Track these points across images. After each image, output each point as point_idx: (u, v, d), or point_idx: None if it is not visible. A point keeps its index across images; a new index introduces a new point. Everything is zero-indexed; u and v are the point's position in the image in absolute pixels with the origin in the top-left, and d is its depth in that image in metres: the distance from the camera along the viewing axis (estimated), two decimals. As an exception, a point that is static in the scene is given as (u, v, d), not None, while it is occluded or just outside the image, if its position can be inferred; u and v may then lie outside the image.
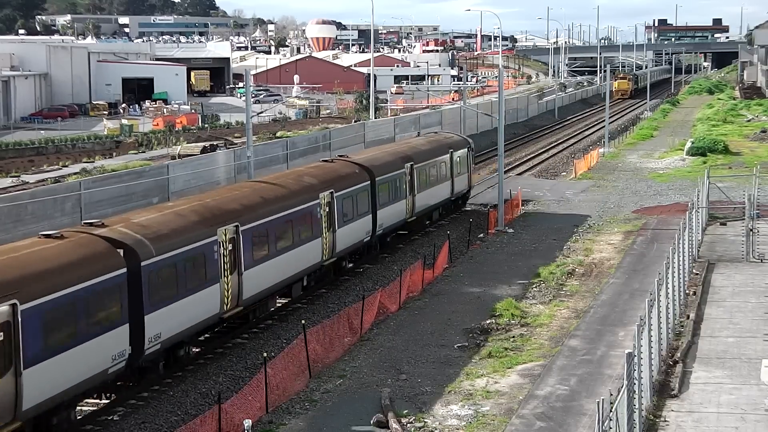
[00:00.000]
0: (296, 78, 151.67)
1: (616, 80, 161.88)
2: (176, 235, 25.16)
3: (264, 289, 29.28)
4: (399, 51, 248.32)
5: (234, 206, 28.49)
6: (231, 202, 28.82)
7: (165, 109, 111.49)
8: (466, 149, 50.36)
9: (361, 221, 36.61)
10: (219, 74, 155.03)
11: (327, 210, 33.57)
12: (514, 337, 28.36)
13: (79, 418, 22.77)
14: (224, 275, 26.92)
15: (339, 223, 34.43)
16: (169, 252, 24.42)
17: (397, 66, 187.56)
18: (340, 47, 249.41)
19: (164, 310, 24.13)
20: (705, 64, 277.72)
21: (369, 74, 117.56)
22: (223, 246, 26.84)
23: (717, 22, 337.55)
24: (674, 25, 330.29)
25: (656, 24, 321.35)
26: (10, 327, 19.47)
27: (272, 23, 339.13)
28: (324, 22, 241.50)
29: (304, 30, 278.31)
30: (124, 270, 22.76)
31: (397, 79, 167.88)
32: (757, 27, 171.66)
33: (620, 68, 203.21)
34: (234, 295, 27.57)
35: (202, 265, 25.84)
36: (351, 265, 37.52)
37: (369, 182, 37.46)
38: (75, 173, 62.82)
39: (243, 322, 29.50)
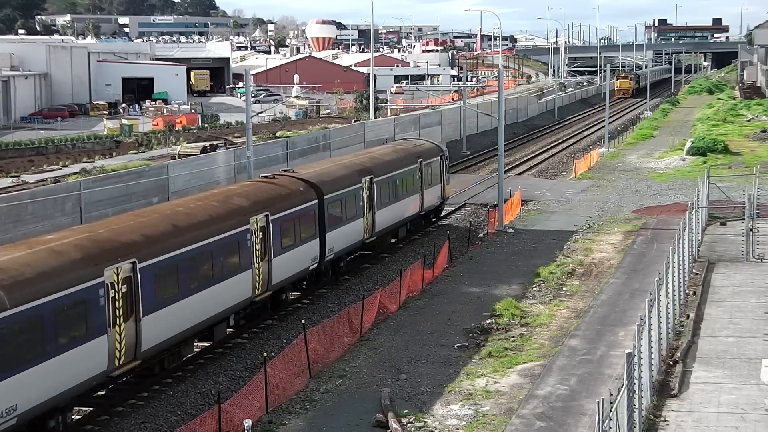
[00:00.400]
0: (296, 78, 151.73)
1: (618, 79, 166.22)
2: (45, 279, 20.51)
3: (172, 336, 24.64)
4: (399, 51, 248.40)
5: (132, 238, 23.78)
6: (129, 232, 24.03)
7: (165, 109, 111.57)
8: (439, 158, 46.06)
9: (304, 247, 32.07)
10: (219, 74, 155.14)
11: (260, 236, 29.04)
12: (514, 337, 28.36)
13: (78, 418, 22.77)
14: (115, 324, 22.30)
15: (275, 251, 29.86)
16: (31, 302, 19.81)
17: (397, 66, 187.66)
18: (340, 47, 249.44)
19: (22, 376, 19.58)
20: (705, 64, 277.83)
21: (369, 74, 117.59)
22: (114, 288, 22.32)
23: (717, 22, 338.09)
24: (674, 25, 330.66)
25: (656, 24, 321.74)
26: None
27: (272, 23, 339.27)
28: (324, 22, 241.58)
29: (304, 30, 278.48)
30: None
31: (397, 79, 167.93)
32: (757, 27, 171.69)
33: (622, 68, 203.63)
34: (129, 347, 22.89)
35: (81, 315, 21.21)
36: (296, 295, 33.32)
37: (316, 201, 33.00)
38: (75, 173, 62.83)
39: (147, 375, 25.15)
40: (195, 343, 27.41)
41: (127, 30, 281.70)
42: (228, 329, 28.61)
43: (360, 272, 37.51)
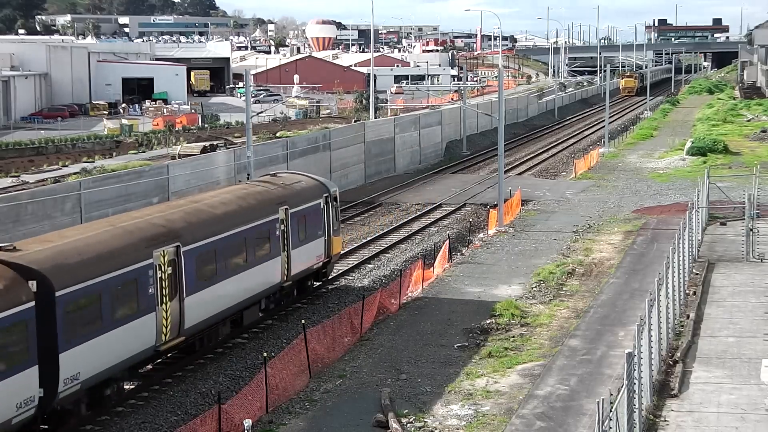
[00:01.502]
0: (296, 78, 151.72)
1: (623, 78, 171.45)
2: None
3: None
4: (399, 51, 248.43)
5: None
6: None
7: (165, 109, 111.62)
8: (322, 200, 33.36)
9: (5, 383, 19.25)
10: (219, 74, 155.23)
11: None
12: (514, 337, 28.36)
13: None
14: None
15: None
16: None
17: (397, 66, 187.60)
18: (340, 47, 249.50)
19: None
20: (705, 64, 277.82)
21: (369, 74, 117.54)
22: None
23: (717, 22, 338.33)
24: (674, 25, 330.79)
25: (656, 24, 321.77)
26: None
27: (272, 23, 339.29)
28: (324, 22, 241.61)
29: (304, 30, 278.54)
30: None
31: (397, 79, 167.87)
32: (757, 27, 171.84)
33: (626, 68, 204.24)
34: None
35: None
36: None
37: (32, 304, 19.98)
38: (75, 173, 62.87)
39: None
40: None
41: (127, 30, 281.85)
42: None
43: (360, 272, 37.52)
